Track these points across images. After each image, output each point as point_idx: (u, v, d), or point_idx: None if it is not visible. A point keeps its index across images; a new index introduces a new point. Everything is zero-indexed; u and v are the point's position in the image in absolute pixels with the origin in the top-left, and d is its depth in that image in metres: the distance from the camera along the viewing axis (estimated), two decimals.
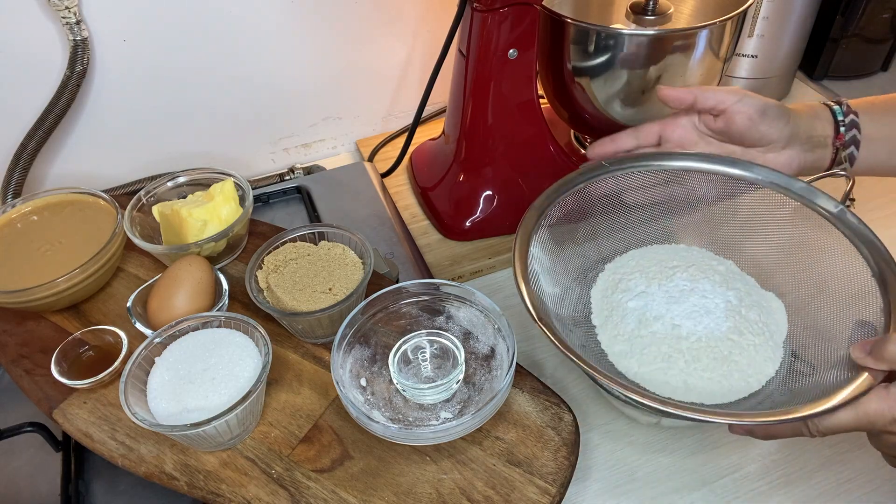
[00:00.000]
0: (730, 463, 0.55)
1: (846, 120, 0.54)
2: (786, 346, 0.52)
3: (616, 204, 0.58)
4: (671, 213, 0.58)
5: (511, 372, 0.48)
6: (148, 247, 0.59)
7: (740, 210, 0.56)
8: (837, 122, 0.54)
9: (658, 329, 0.51)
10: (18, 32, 0.69)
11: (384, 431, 0.47)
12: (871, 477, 0.53)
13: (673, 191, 0.57)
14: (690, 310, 0.51)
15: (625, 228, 0.59)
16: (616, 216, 0.58)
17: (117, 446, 0.50)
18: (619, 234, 0.59)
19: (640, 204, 0.58)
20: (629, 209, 0.58)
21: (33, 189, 0.79)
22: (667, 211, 0.58)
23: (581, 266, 0.58)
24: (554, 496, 0.46)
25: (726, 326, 0.51)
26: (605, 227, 0.58)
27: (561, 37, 0.67)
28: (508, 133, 0.72)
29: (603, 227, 0.58)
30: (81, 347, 0.55)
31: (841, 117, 0.54)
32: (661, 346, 0.51)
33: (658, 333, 0.51)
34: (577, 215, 0.56)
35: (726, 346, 0.50)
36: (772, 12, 0.85)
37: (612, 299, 0.55)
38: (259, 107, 0.86)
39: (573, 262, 0.57)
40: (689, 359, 0.50)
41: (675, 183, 0.56)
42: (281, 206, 0.83)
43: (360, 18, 0.83)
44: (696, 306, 0.52)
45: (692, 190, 0.57)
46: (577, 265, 0.58)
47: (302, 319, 0.53)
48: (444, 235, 0.77)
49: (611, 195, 0.57)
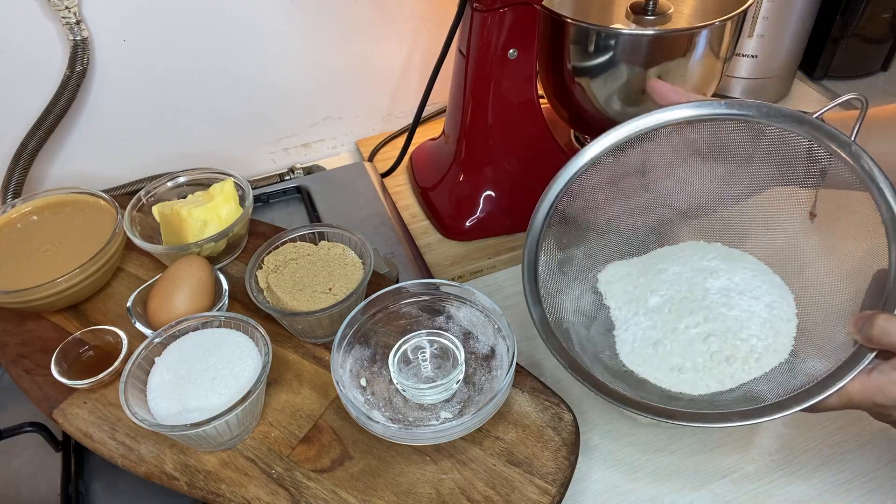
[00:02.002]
0: (730, 463, 0.55)
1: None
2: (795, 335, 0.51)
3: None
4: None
5: (511, 372, 0.48)
6: (148, 247, 0.59)
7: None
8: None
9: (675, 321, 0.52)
10: (18, 32, 0.69)
11: (384, 431, 0.47)
12: (871, 477, 0.53)
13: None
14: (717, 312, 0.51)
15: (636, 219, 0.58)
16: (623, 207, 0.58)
17: (117, 446, 0.50)
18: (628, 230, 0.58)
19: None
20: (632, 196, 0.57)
21: (33, 189, 0.78)
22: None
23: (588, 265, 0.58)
24: (554, 496, 0.46)
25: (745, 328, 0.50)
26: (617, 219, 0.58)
27: (561, 37, 0.67)
28: (508, 133, 0.72)
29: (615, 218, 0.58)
30: (81, 347, 0.55)
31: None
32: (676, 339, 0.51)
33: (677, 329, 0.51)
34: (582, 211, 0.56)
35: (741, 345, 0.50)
36: (772, 12, 0.85)
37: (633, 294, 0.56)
38: (259, 107, 0.86)
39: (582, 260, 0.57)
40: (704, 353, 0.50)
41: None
42: (281, 206, 0.83)
43: (359, 18, 0.83)
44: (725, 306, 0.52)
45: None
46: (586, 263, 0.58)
47: (302, 319, 0.53)
48: (444, 235, 0.77)
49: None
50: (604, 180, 0.56)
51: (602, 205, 0.57)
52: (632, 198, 0.57)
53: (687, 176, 0.56)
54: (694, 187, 0.57)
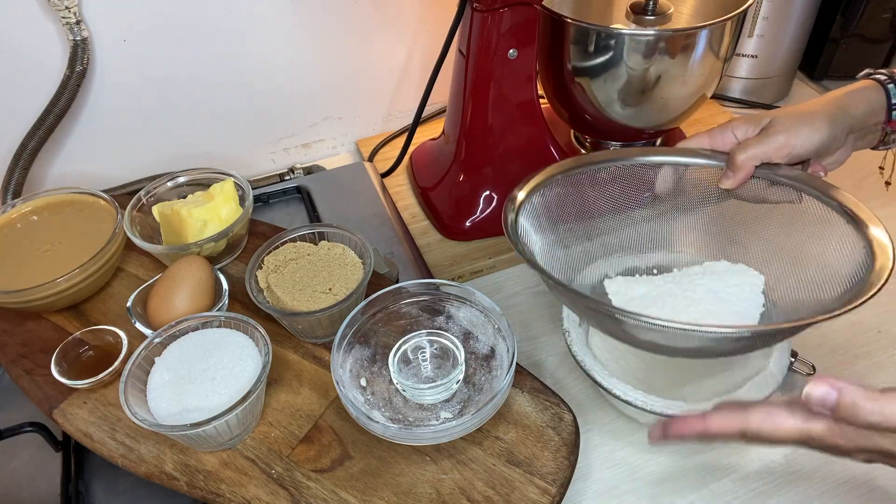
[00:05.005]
0: (730, 463, 0.55)
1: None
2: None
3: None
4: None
5: (511, 372, 0.48)
6: (148, 247, 0.59)
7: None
8: (891, 107, 0.53)
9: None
10: (18, 32, 0.69)
11: (384, 431, 0.47)
12: (870, 477, 0.53)
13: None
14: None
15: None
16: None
17: (117, 446, 0.50)
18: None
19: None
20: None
21: (33, 189, 0.78)
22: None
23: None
24: (554, 496, 0.46)
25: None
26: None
27: (561, 37, 0.67)
28: (508, 133, 0.72)
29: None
30: (81, 347, 0.55)
31: (895, 100, 0.53)
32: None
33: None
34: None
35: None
36: (772, 12, 0.85)
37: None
38: (259, 107, 0.86)
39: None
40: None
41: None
42: (281, 206, 0.83)
43: (359, 18, 0.83)
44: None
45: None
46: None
47: (302, 319, 0.53)
48: (444, 235, 0.77)
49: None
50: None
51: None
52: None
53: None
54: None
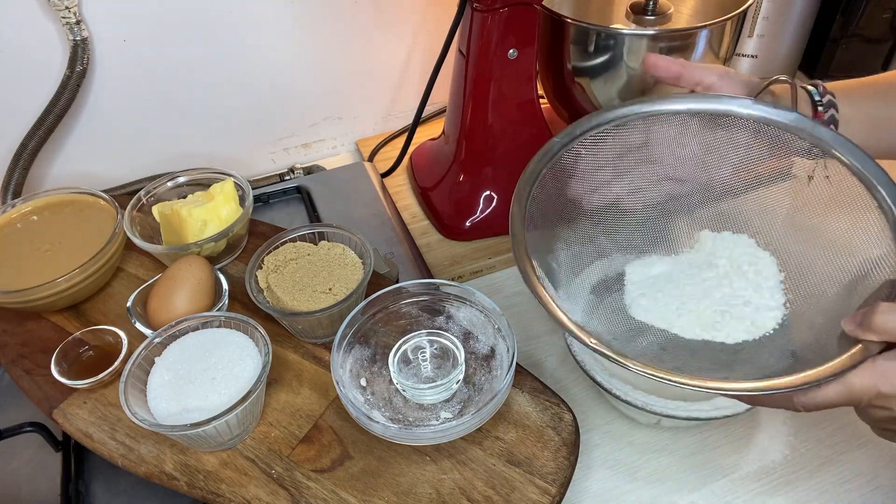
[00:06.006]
0: (730, 463, 0.55)
1: (823, 100, 0.54)
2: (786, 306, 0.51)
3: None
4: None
5: (511, 372, 0.48)
6: (148, 247, 0.59)
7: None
8: (815, 103, 0.55)
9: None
10: (18, 32, 0.69)
11: (384, 431, 0.47)
12: (871, 477, 0.53)
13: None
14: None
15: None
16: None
17: (117, 446, 0.50)
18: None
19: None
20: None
21: (33, 189, 0.78)
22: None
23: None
24: (554, 496, 0.46)
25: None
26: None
27: (561, 37, 0.67)
28: (508, 133, 0.72)
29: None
30: (81, 347, 0.55)
31: (818, 98, 0.55)
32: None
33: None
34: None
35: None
36: (772, 12, 0.85)
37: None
38: (259, 107, 0.86)
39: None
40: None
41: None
42: (281, 206, 0.83)
43: (359, 18, 0.83)
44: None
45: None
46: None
47: (302, 319, 0.53)
48: (444, 235, 0.77)
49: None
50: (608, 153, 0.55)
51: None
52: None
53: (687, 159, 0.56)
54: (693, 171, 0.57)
